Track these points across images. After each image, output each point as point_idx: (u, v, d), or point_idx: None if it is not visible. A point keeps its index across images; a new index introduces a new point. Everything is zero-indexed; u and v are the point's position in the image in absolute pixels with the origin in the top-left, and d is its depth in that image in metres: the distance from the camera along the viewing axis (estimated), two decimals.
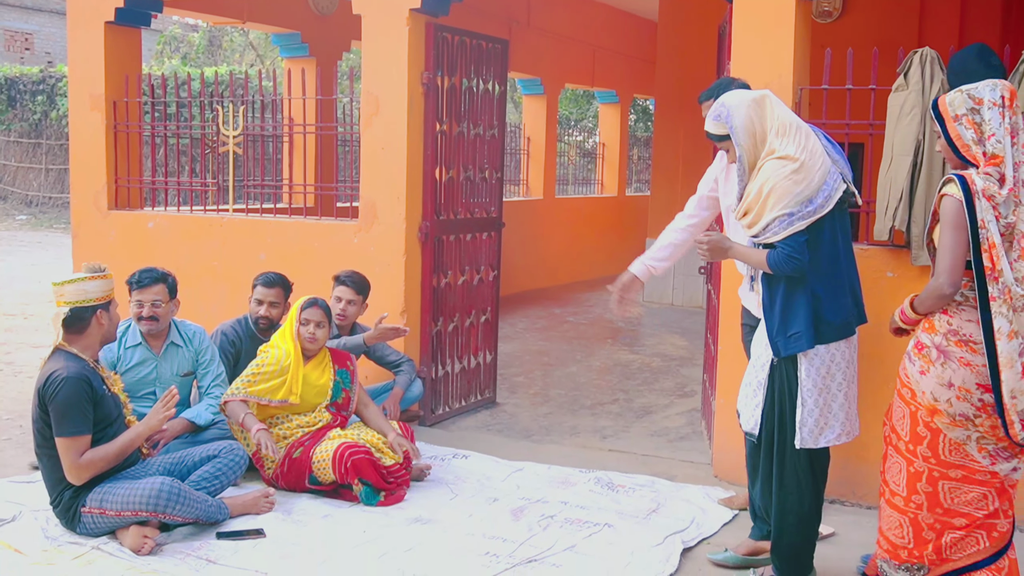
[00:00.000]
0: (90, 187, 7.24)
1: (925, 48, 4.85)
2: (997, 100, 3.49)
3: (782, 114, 3.75)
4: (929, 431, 3.57)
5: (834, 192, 3.67)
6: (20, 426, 6.01)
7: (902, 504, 3.67)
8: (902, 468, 3.67)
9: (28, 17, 28.50)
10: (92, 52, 7.13)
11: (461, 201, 6.51)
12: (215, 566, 4.04)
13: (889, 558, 3.73)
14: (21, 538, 4.25)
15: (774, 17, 5.07)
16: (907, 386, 3.66)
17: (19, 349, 8.32)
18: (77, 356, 4.22)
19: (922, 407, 3.58)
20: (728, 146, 3.82)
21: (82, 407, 4.10)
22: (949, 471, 3.56)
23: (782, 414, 3.80)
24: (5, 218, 20.65)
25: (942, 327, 3.56)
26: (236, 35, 24.14)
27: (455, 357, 6.55)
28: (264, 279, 5.60)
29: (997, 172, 3.45)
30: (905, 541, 3.67)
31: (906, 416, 3.65)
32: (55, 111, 20.57)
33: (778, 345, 3.73)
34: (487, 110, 6.65)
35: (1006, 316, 3.39)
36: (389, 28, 6.09)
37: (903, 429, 3.67)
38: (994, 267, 3.39)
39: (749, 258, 3.80)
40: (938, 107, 3.61)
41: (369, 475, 4.79)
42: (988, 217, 3.40)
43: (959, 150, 3.54)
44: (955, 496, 3.58)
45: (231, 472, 4.60)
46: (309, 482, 4.92)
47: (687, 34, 10.86)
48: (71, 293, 4.20)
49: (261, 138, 7.32)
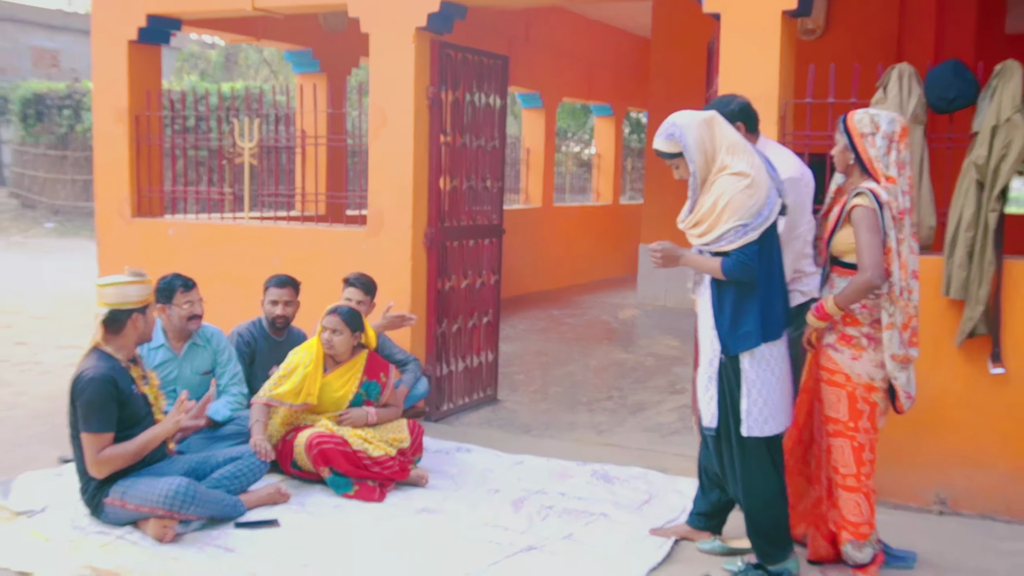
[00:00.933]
0: (114, 196, 7.24)
1: (903, 64, 4.86)
2: (889, 133, 3.82)
3: (729, 133, 3.84)
4: (868, 405, 3.88)
5: (776, 205, 3.79)
6: (48, 422, 6.01)
7: (855, 483, 3.89)
8: (846, 448, 3.90)
9: (55, 35, 28.53)
10: (116, 69, 7.13)
11: (464, 209, 6.51)
12: (232, 554, 4.04)
13: (855, 539, 3.90)
14: (50, 527, 4.26)
15: (760, 35, 5.08)
16: (838, 372, 3.89)
17: (47, 349, 8.32)
18: (111, 356, 4.22)
19: (859, 386, 3.86)
20: (679, 163, 3.87)
21: (106, 406, 4.10)
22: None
23: (734, 405, 3.88)
24: (34, 226, 20.66)
25: (865, 319, 3.85)
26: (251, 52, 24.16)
27: (459, 356, 6.55)
28: (276, 281, 5.63)
29: (895, 190, 3.81)
30: (864, 517, 3.91)
31: (842, 399, 3.88)
32: (81, 124, 20.57)
33: (728, 344, 3.82)
34: (488, 123, 6.66)
35: (887, 310, 3.79)
36: (396, 45, 6.10)
37: (840, 412, 3.89)
38: (888, 269, 3.77)
39: (701, 265, 3.87)
40: (846, 122, 3.89)
41: (339, 464, 4.77)
42: (889, 226, 3.77)
43: (865, 163, 3.85)
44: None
45: (251, 474, 4.60)
46: (291, 466, 4.92)
47: (678, 50, 10.87)
48: (111, 295, 4.21)
49: (275, 149, 7.33)
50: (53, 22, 28.54)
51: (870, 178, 3.83)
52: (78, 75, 26.40)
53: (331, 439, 4.82)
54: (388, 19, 6.12)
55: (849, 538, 3.90)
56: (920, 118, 4.79)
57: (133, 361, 4.35)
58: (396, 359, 5.97)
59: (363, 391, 5.15)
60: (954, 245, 4.69)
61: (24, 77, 25.94)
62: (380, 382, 5.22)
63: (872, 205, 3.74)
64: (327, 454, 4.77)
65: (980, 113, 4.71)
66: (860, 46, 8.23)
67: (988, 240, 4.61)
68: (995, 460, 4.74)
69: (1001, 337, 4.69)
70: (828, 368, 3.91)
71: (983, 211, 4.63)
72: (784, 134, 5.11)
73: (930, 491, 4.87)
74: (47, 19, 28.47)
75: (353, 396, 5.12)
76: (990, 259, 4.61)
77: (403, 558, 4.03)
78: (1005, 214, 4.67)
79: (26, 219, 21.26)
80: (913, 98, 4.78)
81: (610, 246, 14.47)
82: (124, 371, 4.24)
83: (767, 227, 3.76)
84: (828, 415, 3.93)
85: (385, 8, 6.12)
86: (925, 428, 4.85)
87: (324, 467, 4.78)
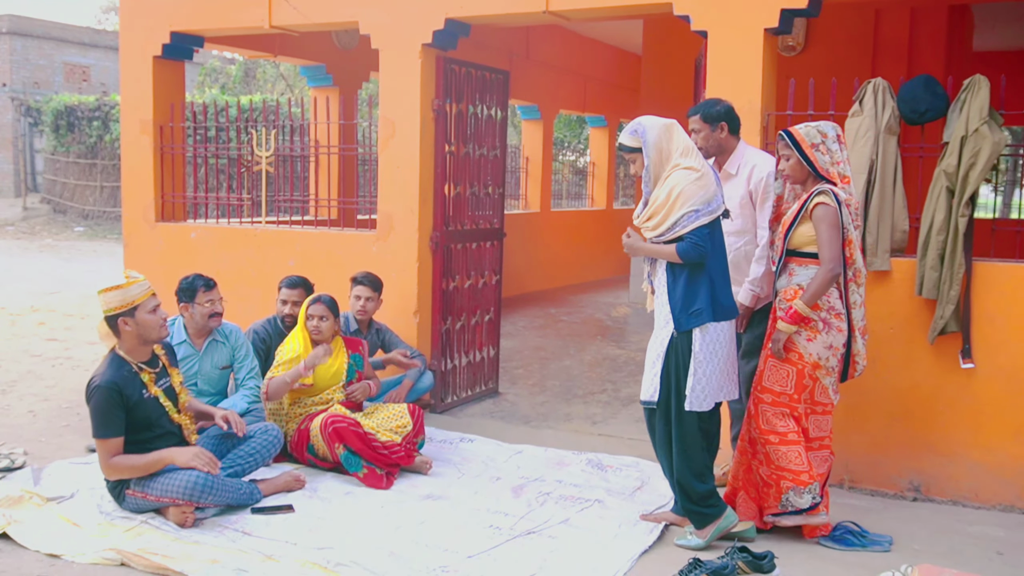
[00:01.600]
0: (140, 202, 7.23)
1: (878, 79, 4.85)
2: (837, 135, 4.14)
3: (684, 140, 4.06)
4: (812, 380, 4.12)
5: (721, 202, 4.04)
6: (78, 414, 5.99)
7: (796, 438, 4.11)
8: (786, 416, 4.13)
9: (85, 52, 28.52)
10: (142, 83, 7.12)
11: (467, 214, 6.50)
12: (250, 537, 4.03)
13: (795, 485, 4.06)
14: (78, 513, 4.24)
15: (744, 51, 5.06)
16: (793, 351, 4.10)
17: (77, 346, 8.31)
18: (123, 360, 4.16)
19: (807, 365, 4.09)
20: (636, 158, 4.07)
21: (111, 413, 4.04)
22: (816, 407, 4.19)
23: (678, 383, 3.99)
24: (64, 230, 20.66)
25: (824, 304, 4.08)
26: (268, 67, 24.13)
27: (462, 352, 6.54)
28: (287, 282, 5.64)
29: (850, 190, 4.10)
30: (804, 465, 4.09)
31: (791, 375, 4.11)
32: (109, 135, 20.57)
33: (680, 320, 3.97)
34: (490, 133, 6.64)
35: (858, 292, 4.15)
36: (404, 61, 6.08)
37: (788, 385, 4.12)
38: (851, 257, 4.08)
39: (659, 252, 4.03)
40: (793, 135, 4.12)
41: (352, 442, 4.77)
42: (847, 221, 4.04)
43: (819, 170, 4.09)
44: (816, 426, 4.22)
45: (265, 451, 4.58)
46: (308, 452, 4.93)
47: (667, 66, 10.84)
48: (101, 304, 4.15)
49: (290, 158, 7.31)
50: (84, 39, 28.53)
51: (825, 182, 4.09)
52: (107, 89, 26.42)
53: (344, 420, 4.83)
54: (397, 36, 6.10)
55: (791, 485, 4.07)
56: (894, 129, 4.78)
57: (149, 363, 4.26)
58: None
59: (352, 361, 5.24)
60: (926, 248, 4.68)
61: (56, 91, 25.95)
62: (360, 354, 5.32)
63: (833, 204, 4.01)
64: (341, 432, 4.78)
65: (950, 124, 4.69)
66: (838, 62, 8.21)
67: (958, 243, 4.60)
68: (965, 449, 4.73)
69: (971, 334, 4.67)
70: (785, 347, 4.12)
71: (953, 216, 4.62)
72: (766, 143, 5.09)
73: (904, 478, 4.86)
74: (78, 36, 28.46)
75: (347, 367, 5.20)
76: (960, 261, 4.59)
77: (410, 541, 4.02)
78: (974, 219, 4.66)
79: (57, 223, 21.26)
80: (887, 111, 4.77)
81: (604, 249, 14.44)
82: (134, 376, 4.14)
83: (715, 217, 3.97)
84: (770, 387, 4.14)
85: (394, 26, 6.11)
86: (900, 419, 4.84)
87: (339, 444, 4.78)
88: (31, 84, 26.63)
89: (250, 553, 3.85)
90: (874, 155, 4.76)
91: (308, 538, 4.02)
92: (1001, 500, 4.68)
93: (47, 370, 7.28)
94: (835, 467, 4.94)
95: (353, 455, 4.77)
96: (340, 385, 5.16)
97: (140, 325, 4.13)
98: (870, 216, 4.79)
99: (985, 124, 4.52)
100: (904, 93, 4.79)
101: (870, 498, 4.82)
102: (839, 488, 4.94)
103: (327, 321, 5.14)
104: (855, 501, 4.77)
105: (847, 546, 4.09)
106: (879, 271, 4.82)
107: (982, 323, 4.66)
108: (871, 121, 4.77)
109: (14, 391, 6.59)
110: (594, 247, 14.42)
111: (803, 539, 4.18)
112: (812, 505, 4.08)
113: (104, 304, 4.12)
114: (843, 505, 4.66)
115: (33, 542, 3.95)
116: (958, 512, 4.66)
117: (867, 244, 4.81)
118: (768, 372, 4.17)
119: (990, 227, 5.15)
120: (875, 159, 4.76)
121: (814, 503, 4.08)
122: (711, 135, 4.59)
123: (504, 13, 5.91)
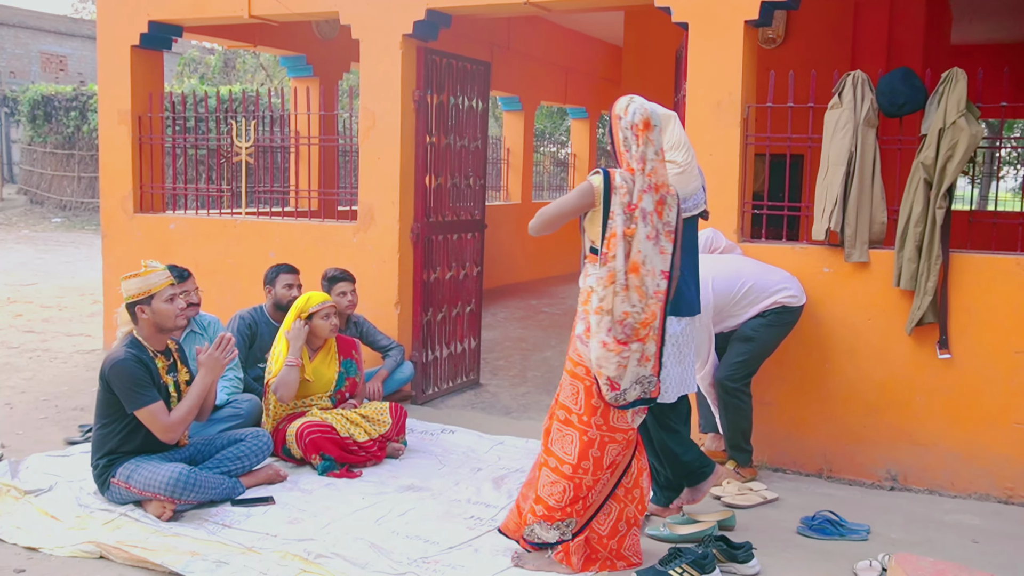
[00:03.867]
0: (118, 193, 7.17)
1: (857, 71, 4.87)
2: (635, 123, 3.58)
3: (680, 133, 4.03)
4: (603, 401, 3.59)
5: (702, 203, 4.01)
6: (56, 406, 5.95)
7: (570, 472, 3.63)
8: (575, 439, 3.63)
9: (62, 41, 28.24)
10: (119, 72, 7.06)
11: (448, 205, 6.48)
12: (230, 529, 4.01)
13: (544, 520, 3.66)
14: (57, 506, 4.21)
15: (725, 43, 5.07)
16: (580, 364, 3.62)
17: (55, 337, 8.24)
18: (140, 344, 4.22)
19: (596, 382, 3.58)
20: None
21: (141, 380, 4.09)
22: (616, 435, 3.64)
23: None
24: (42, 221, 20.46)
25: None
26: (248, 57, 23.96)
27: (443, 343, 6.53)
28: (287, 267, 5.67)
29: (631, 179, 3.55)
30: (563, 503, 3.64)
31: (580, 391, 3.62)
32: (86, 125, 20.36)
33: None
34: (471, 124, 6.62)
35: (599, 294, 3.51)
36: (384, 51, 6.05)
37: (576, 404, 3.63)
38: (607, 252, 3.51)
39: None
40: (614, 106, 3.71)
41: (328, 450, 4.76)
42: (618, 211, 3.51)
43: (615, 147, 3.67)
44: (611, 455, 3.66)
45: (254, 456, 4.54)
46: (283, 452, 4.90)
47: (648, 57, 10.85)
48: (122, 292, 4.24)
49: (270, 149, 7.27)
50: (61, 28, 28.25)
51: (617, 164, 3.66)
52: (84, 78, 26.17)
53: (319, 428, 4.79)
54: (377, 26, 6.07)
55: (537, 519, 3.67)
56: (872, 121, 4.80)
57: (164, 353, 4.31)
58: (380, 345, 5.95)
59: (343, 369, 5.18)
60: (904, 240, 4.71)
61: (33, 80, 25.68)
62: (354, 359, 5.27)
63: (597, 183, 3.55)
64: (317, 443, 4.76)
65: (928, 117, 4.72)
66: (817, 54, 8.24)
67: (935, 235, 4.63)
68: (941, 439, 4.77)
69: (948, 325, 4.71)
70: (573, 359, 3.66)
71: (931, 208, 4.65)
72: (746, 135, 5.11)
73: (882, 468, 4.90)
74: (55, 25, 28.18)
75: (337, 376, 5.14)
76: (937, 253, 4.63)
77: (391, 532, 4.01)
78: (951, 211, 4.69)
79: (34, 214, 21.05)
80: (866, 103, 4.79)
81: None
82: (150, 359, 4.21)
83: (691, 215, 3.94)
84: (564, 403, 3.69)
85: (375, 16, 6.08)
86: (877, 409, 4.87)
87: (315, 455, 4.76)
88: (7, 73, 26.35)
89: (230, 545, 3.83)
90: (853, 147, 4.78)
91: (289, 530, 4.01)
92: (977, 489, 4.73)
93: (24, 362, 7.22)
94: (813, 456, 4.99)
95: (330, 461, 4.77)
96: (328, 394, 5.13)
97: (156, 313, 4.21)
98: (848, 208, 4.81)
99: (963, 117, 4.55)
100: (883, 86, 4.81)
101: (848, 487, 4.86)
102: (817, 478, 4.98)
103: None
104: (833, 490, 4.80)
105: (825, 535, 4.12)
106: (857, 263, 4.84)
107: (959, 314, 4.70)
108: (850, 113, 4.79)
109: None
110: (576, 238, 14.37)
111: (781, 529, 4.21)
112: (560, 540, 3.65)
113: (125, 292, 4.22)
114: (821, 495, 4.70)
115: (11, 535, 3.91)
116: (935, 501, 4.70)
117: (846, 236, 4.83)
118: (562, 386, 3.71)
119: (967, 219, 5.19)
120: (854, 151, 4.79)
121: (561, 539, 3.65)
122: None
123: (485, 4, 5.90)
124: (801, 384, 5.02)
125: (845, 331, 4.89)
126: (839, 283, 4.90)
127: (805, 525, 4.20)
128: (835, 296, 4.91)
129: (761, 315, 4.69)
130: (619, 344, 3.51)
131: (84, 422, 5.48)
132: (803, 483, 4.90)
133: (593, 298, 3.53)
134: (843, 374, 4.90)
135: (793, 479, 4.97)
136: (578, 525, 3.68)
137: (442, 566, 3.69)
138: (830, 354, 4.94)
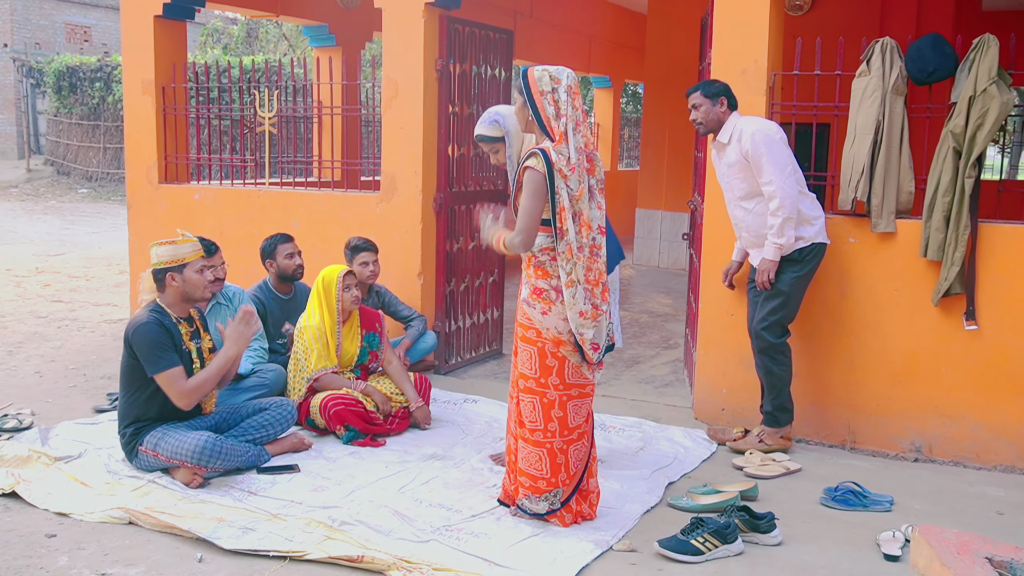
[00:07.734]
0: (143, 163, 7.20)
1: (885, 38, 4.79)
2: (570, 85, 3.62)
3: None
4: (557, 360, 3.70)
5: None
6: (84, 375, 6.02)
7: (541, 437, 3.74)
8: (535, 404, 3.73)
9: (87, 12, 28.29)
10: (143, 43, 7.07)
11: (471, 175, 6.47)
12: (256, 497, 4.06)
13: (530, 493, 3.78)
14: (86, 472, 4.27)
15: (751, 10, 5.00)
16: (531, 328, 3.72)
17: (83, 307, 8.33)
18: (164, 310, 4.25)
19: (548, 341, 3.69)
20: (499, 147, 4.10)
21: (162, 344, 4.13)
22: (572, 391, 3.73)
23: None
24: (68, 191, 20.62)
25: (554, 271, 3.67)
26: (271, 27, 23.90)
27: (466, 313, 6.54)
28: (282, 237, 5.66)
29: (566, 150, 3.57)
30: (544, 472, 3.75)
31: (533, 355, 3.72)
32: (111, 96, 20.45)
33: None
34: (494, 93, 6.58)
35: (565, 268, 3.60)
36: (407, 20, 6.02)
37: (532, 368, 3.73)
38: (562, 227, 3.58)
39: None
40: (527, 76, 3.65)
41: (353, 422, 4.80)
42: (561, 186, 3.56)
43: (543, 122, 3.61)
44: (576, 413, 3.75)
45: (279, 424, 4.59)
46: (307, 423, 4.94)
47: (673, 25, 10.74)
48: (152, 257, 4.27)
49: (293, 119, 7.27)
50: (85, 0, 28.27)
51: (548, 138, 3.62)
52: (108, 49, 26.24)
53: (343, 400, 4.83)
54: None
55: (525, 493, 3.80)
56: (901, 89, 4.73)
57: (187, 320, 4.35)
58: (402, 315, 5.97)
59: (366, 343, 5.19)
60: (932, 209, 4.65)
61: (58, 52, 25.77)
62: (377, 332, 5.27)
63: (541, 169, 3.57)
64: (342, 415, 4.80)
65: (958, 84, 4.64)
66: (845, 21, 8.12)
67: (964, 205, 4.57)
68: (967, 410, 4.74)
69: (975, 296, 4.66)
70: (523, 324, 3.76)
71: (960, 177, 4.58)
72: (772, 104, 5.05)
73: (906, 439, 4.88)
74: None
75: (359, 351, 5.15)
76: (965, 223, 4.57)
77: (414, 500, 4.05)
78: (980, 180, 4.63)
79: (61, 185, 21.22)
80: (895, 70, 4.72)
81: (608, 209, 14.38)
82: (174, 325, 4.25)
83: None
84: (521, 371, 3.78)
85: None
86: (902, 380, 4.84)
87: (339, 426, 4.81)
88: (32, 45, 26.45)
89: (256, 512, 3.88)
90: (880, 116, 4.72)
91: (313, 497, 4.05)
92: (1002, 461, 4.70)
93: (53, 331, 7.31)
94: (836, 427, 4.97)
95: (354, 431, 4.81)
96: (350, 368, 5.15)
97: (187, 282, 4.25)
98: (875, 177, 4.76)
99: (994, 84, 4.47)
100: (912, 53, 4.74)
101: (872, 459, 4.84)
102: (841, 448, 4.96)
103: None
104: (857, 461, 4.79)
105: (848, 506, 4.12)
106: (883, 232, 4.79)
107: (987, 285, 4.65)
108: (878, 81, 4.72)
109: (21, 352, 6.61)
110: None
111: (804, 500, 4.21)
112: (549, 511, 3.77)
113: (155, 257, 4.24)
114: (844, 465, 4.69)
115: (42, 501, 3.98)
116: (959, 473, 4.68)
117: (872, 206, 4.78)
118: (517, 354, 3.81)
119: (996, 189, 5.12)
120: (881, 120, 4.72)
121: (551, 509, 3.77)
122: (711, 109, 4.69)
123: None
124: (825, 354, 4.99)
125: (871, 302, 4.85)
126: (865, 253, 4.86)
127: (828, 496, 4.19)
128: (861, 266, 4.87)
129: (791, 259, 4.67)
130: (595, 309, 3.65)
131: (112, 390, 5.55)
132: (826, 454, 4.89)
133: (560, 274, 3.62)
134: (868, 345, 4.87)
135: (816, 450, 4.96)
136: (565, 494, 3.79)
137: (465, 534, 3.72)
138: (855, 325, 4.91)
